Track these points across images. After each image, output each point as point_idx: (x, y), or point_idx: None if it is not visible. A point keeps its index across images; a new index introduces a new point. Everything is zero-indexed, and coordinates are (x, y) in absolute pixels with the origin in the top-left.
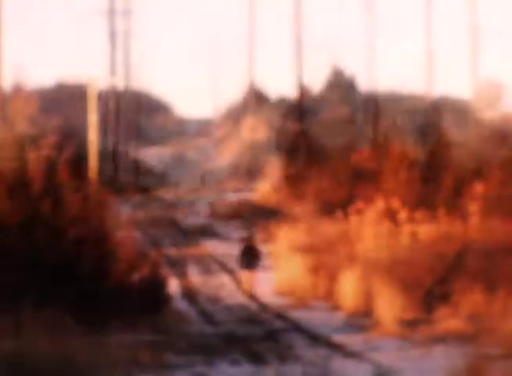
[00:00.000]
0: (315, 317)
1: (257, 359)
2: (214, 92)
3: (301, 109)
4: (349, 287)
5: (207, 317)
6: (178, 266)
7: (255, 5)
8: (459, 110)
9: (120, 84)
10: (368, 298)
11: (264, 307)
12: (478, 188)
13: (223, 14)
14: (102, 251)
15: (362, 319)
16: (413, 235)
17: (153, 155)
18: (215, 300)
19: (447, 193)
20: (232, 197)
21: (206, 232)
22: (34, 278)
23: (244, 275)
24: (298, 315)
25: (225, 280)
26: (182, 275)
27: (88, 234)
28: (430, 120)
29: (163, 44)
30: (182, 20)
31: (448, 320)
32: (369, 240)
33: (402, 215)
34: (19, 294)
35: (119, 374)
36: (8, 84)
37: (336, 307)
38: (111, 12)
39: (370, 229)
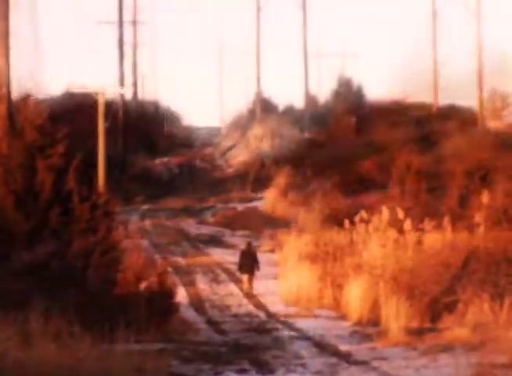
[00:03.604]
0: (322, 326)
1: (264, 367)
2: (222, 101)
3: (308, 118)
4: (356, 296)
5: (214, 326)
6: (186, 275)
7: (262, 14)
8: (465, 120)
9: (128, 93)
10: (374, 306)
11: (271, 316)
12: (484, 197)
13: (230, 23)
14: (110, 259)
15: (369, 327)
16: (419, 244)
17: (160, 164)
18: (223, 309)
19: (453, 202)
20: (239, 206)
21: (213, 241)
22: (42, 287)
23: (244, 279)
24: (305, 323)
25: (232, 288)
26: (189, 284)
27: (96, 243)
28: (436, 129)
29: (171, 53)
30: (190, 30)
31: (455, 329)
32: (376, 249)
33: (408, 224)
34: (26, 303)
35: None
36: (17, 93)
37: (342, 316)
38: (120, 23)
39: (377, 238)
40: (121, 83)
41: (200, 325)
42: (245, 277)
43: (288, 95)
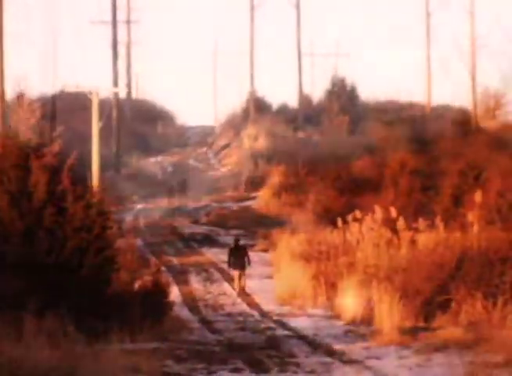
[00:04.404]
0: (316, 325)
1: (258, 367)
2: (216, 101)
3: (301, 118)
4: (349, 295)
5: (208, 325)
6: (180, 274)
7: (256, 13)
8: (459, 119)
9: (122, 93)
10: (368, 306)
11: (264, 315)
12: (478, 197)
13: (224, 24)
14: (104, 258)
15: (362, 327)
16: (413, 243)
17: (154, 164)
18: (216, 308)
19: (446, 201)
20: (232, 206)
21: (207, 240)
22: (36, 286)
23: (235, 275)
24: (299, 322)
25: (226, 288)
26: (183, 283)
27: (91, 242)
28: (430, 129)
29: (165, 53)
30: (184, 30)
31: (448, 328)
32: (369, 249)
33: (401, 223)
34: (20, 303)
35: None
36: (11, 94)
37: (336, 315)
38: (114, 22)
39: (370, 237)
40: (115, 82)
41: (193, 324)
42: (236, 274)
43: (282, 94)
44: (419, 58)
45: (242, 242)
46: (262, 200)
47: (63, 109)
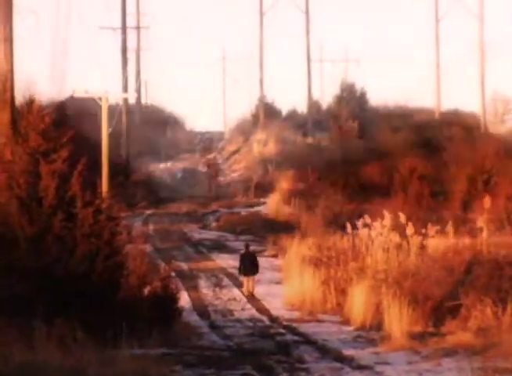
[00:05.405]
0: (325, 330)
1: (267, 372)
2: (225, 106)
3: (310, 123)
4: (359, 301)
5: (217, 330)
6: (189, 280)
7: (265, 19)
8: (468, 125)
9: (132, 98)
10: (377, 311)
11: (274, 320)
12: (487, 202)
13: (233, 29)
14: (113, 264)
15: (372, 332)
16: (422, 248)
17: (164, 169)
18: (226, 313)
19: (456, 206)
20: (242, 211)
21: (216, 246)
22: (46, 292)
23: (244, 280)
24: (308, 328)
25: (235, 293)
26: (192, 288)
27: (100, 248)
28: (439, 134)
29: (174, 59)
30: (194, 36)
31: (458, 334)
32: (379, 254)
33: (411, 228)
34: (30, 308)
35: None
36: (20, 99)
37: (346, 320)
38: (123, 28)
39: (379, 242)
40: (125, 88)
41: (203, 329)
42: (245, 279)
43: (291, 100)
44: (428, 63)
45: (251, 248)
46: (272, 206)
47: (73, 114)
